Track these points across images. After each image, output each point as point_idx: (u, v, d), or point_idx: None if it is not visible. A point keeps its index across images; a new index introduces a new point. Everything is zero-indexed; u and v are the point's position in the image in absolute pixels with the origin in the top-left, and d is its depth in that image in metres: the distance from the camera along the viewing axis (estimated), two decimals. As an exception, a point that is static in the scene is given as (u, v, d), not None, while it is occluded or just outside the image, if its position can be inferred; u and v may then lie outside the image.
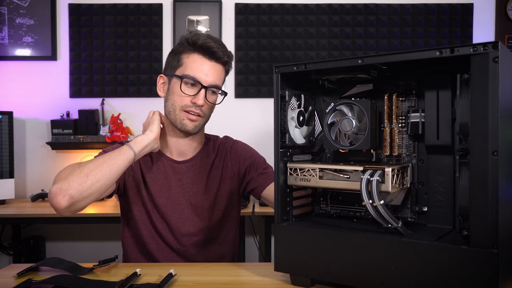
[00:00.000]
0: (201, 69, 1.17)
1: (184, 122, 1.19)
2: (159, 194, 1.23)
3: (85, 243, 2.73)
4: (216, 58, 1.19)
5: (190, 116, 1.18)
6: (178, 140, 1.25)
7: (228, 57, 1.22)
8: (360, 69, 0.85)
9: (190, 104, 1.18)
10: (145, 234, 1.23)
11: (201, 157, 1.28)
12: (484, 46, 0.67)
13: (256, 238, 2.66)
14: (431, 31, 2.67)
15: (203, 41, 1.17)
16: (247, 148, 1.35)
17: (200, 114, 1.19)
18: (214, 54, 1.19)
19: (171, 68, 1.22)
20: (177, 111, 1.19)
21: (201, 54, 1.19)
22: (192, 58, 1.19)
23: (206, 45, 1.17)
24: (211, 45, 1.18)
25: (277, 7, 2.68)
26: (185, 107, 1.18)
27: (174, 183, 1.24)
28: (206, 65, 1.18)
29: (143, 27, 2.68)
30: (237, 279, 0.96)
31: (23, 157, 2.66)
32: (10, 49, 2.66)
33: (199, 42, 1.17)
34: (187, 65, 1.18)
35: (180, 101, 1.18)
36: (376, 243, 0.77)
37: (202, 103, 1.17)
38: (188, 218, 1.23)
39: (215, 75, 1.19)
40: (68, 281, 0.87)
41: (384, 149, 0.91)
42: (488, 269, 0.67)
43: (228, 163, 1.30)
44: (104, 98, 2.67)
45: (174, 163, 1.25)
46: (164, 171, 1.24)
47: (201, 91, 1.17)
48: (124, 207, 1.28)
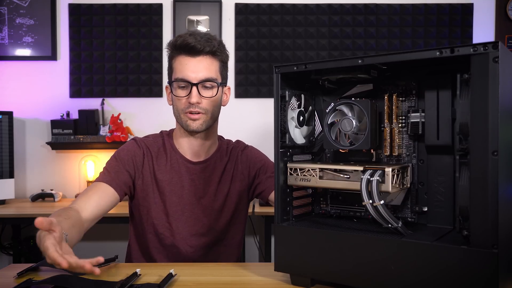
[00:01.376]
0: (187, 68, 1.19)
1: (188, 123, 1.21)
2: (171, 193, 1.24)
3: (85, 243, 2.73)
4: (198, 51, 1.18)
5: (190, 116, 1.20)
6: (190, 141, 1.26)
7: (211, 47, 1.19)
8: (360, 69, 0.85)
9: (188, 105, 1.19)
10: (149, 236, 1.24)
11: (215, 159, 1.30)
12: (484, 46, 0.67)
13: (256, 238, 2.66)
14: (431, 31, 2.67)
15: (181, 40, 1.18)
16: (258, 152, 1.37)
17: (200, 112, 1.20)
18: (194, 49, 1.18)
19: (169, 76, 1.26)
20: (181, 115, 1.22)
21: (184, 53, 1.20)
22: (178, 60, 1.21)
23: (184, 43, 1.18)
24: (188, 41, 1.17)
25: (277, 7, 2.68)
26: (184, 110, 1.20)
27: (187, 183, 1.25)
28: (190, 62, 1.19)
29: (143, 27, 2.68)
30: (237, 279, 0.96)
31: (23, 157, 2.66)
32: (10, 49, 2.66)
33: (178, 42, 1.19)
34: (176, 68, 1.21)
35: (179, 104, 1.21)
36: (376, 243, 0.77)
37: (195, 101, 1.18)
38: (197, 219, 1.25)
39: (203, 70, 1.19)
40: (68, 281, 0.87)
41: (384, 149, 0.91)
42: (488, 269, 0.66)
43: (239, 166, 1.32)
44: (104, 98, 2.67)
45: (189, 163, 1.27)
46: (178, 170, 1.26)
47: (192, 90, 1.18)
48: (133, 208, 1.30)
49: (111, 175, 1.20)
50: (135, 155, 1.24)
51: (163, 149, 1.28)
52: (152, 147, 1.27)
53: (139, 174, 1.24)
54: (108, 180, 1.18)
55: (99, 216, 1.15)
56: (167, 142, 1.29)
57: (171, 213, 1.23)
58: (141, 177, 1.24)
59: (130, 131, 2.62)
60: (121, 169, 1.22)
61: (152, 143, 1.28)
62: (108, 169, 1.22)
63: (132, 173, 1.23)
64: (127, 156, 1.24)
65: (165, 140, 1.29)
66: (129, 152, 1.25)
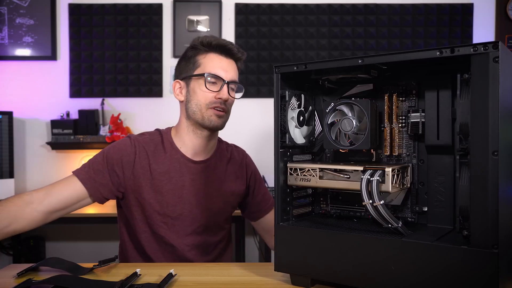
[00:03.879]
0: (220, 66, 1.21)
1: (212, 119, 1.21)
2: (171, 192, 1.21)
3: (85, 243, 2.73)
4: (232, 54, 1.24)
5: (217, 112, 1.21)
6: (197, 141, 1.25)
7: (241, 54, 1.27)
8: (360, 69, 0.85)
9: (215, 100, 1.20)
10: (145, 236, 1.23)
11: (216, 159, 1.30)
12: (485, 46, 0.67)
13: (256, 238, 2.65)
14: (431, 31, 2.67)
15: (218, 40, 1.23)
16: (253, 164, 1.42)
17: (225, 110, 1.22)
18: (230, 51, 1.24)
19: (188, 72, 1.24)
20: (203, 109, 1.20)
21: (218, 52, 1.23)
22: (209, 57, 1.22)
23: (222, 43, 1.23)
24: (225, 43, 1.23)
25: (277, 7, 2.68)
26: (210, 104, 1.20)
27: (188, 182, 1.24)
28: (223, 61, 1.23)
29: (143, 27, 2.68)
30: (237, 279, 0.96)
31: (23, 157, 2.67)
32: (10, 49, 2.66)
33: (214, 42, 1.22)
34: (206, 64, 1.22)
35: (205, 98, 1.20)
36: (376, 243, 0.77)
37: (227, 97, 1.20)
38: (195, 218, 1.24)
39: (233, 71, 1.24)
40: (68, 281, 0.87)
41: (384, 149, 0.91)
42: (488, 269, 0.66)
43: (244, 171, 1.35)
44: (104, 98, 2.67)
45: (190, 162, 1.25)
46: (179, 169, 1.23)
47: (224, 86, 1.20)
48: (124, 208, 1.26)
49: (90, 173, 1.17)
50: (125, 155, 1.20)
51: (162, 147, 1.24)
52: (148, 146, 1.23)
53: (129, 175, 1.20)
54: (83, 178, 1.16)
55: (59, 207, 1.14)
56: (166, 140, 1.26)
57: (169, 213, 1.21)
58: (132, 177, 1.20)
59: (130, 131, 2.62)
60: (103, 168, 1.18)
61: (148, 141, 1.24)
62: (90, 165, 1.19)
63: (119, 173, 1.19)
64: (116, 154, 1.20)
65: (163, 138, 1.26)
66: (119, 151, 1.20)
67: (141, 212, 1.22)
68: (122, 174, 1.19)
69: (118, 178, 1.19)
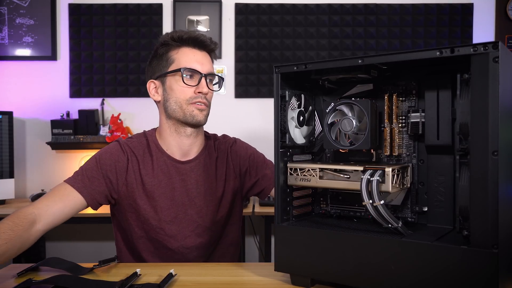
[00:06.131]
0: (195, 59, 1.18)
1: (194, 114, 1.17)
2: (162, 196, 1.19)
3: (85, 243, 2.73)
4: (205, 46, 1.21)
5: (199, 106, 1.18)
6: (182, 140, 1.22)
7: (214, 45, 1.23)
8: (360, 69, 0.85)
9: (195, 95, 1.17)
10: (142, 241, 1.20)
11: (204, 156, 1.26)
12: (484, 46, 0.67)
13: (256, 238, 2.65)
14: (431, 31, 2.67)
15: (189, 34, 1.19)
16: (246, 146, 1.34)
17: (206, 103, 1.19)
18: (203, 43, 1.20)
19: (161, 70, 1.21)
20: (184, 106, 1.17)
21: (190, 46, 1.20)
22: (182, 51, 1.19)
23: (193, 36, 1.19)
24: (197, 35, 1.20)
25: (277, 7, 2.68)
26: (190, 100, 1.17)
27: (178, 184, 1.21)
28: (198, 55, 1.20)
29: (143, 27, 2.68)
30: (237, 279, 0.96)
31: (23, 157, 2.67)
32: (10, 49, 2.66)
33: (185, 36, 1.19)
34: (180, 59, 1.18)
35: (184, 94, 1.17)
36: (376, 243, 0.77)
37: (207, 90, 1.18)
38: (192, 220, 1.21)
39: (208, 64, 1.21)
40: (68, 281, 0.87)
41: (384, 149, 0.91)
42: (488, 269, 0.66)
43: (230, 164, 1.29)
44: (104, 98, 2.67)
45: (178, 163, 1.22)
46: (167, 172, 1.21)
47: (202, 80, 1.17)
48: (117, 214, 1.24)
49: (85, 181, 1.15)
50: (118, 161, 1.18)
51: (148, 150, 1.22)
52: (137, 150, 1.21)
53: (123, 181, 1.18)
54: (79, 187, 1.13)
55: (59, 223, 1.11)
56: (152, 143, 1.23)
57: (163, 217, 1.18)
58: (125, 183, 1.18)
59: (130, 131, 2.62)
60: (98, 175, 1.16)
61: (137, 145, 1.22)
62: (84, 173, 1.16)
63: (113, 179, 1.17)
64: (109, 160, 1.18)
65: (149, 141, 1.23)
66: (112, 156, 1.18)
67: (136, 218, 1.20)
68: (116, 181, 1.17)
69: (112, 184, 1.17)
